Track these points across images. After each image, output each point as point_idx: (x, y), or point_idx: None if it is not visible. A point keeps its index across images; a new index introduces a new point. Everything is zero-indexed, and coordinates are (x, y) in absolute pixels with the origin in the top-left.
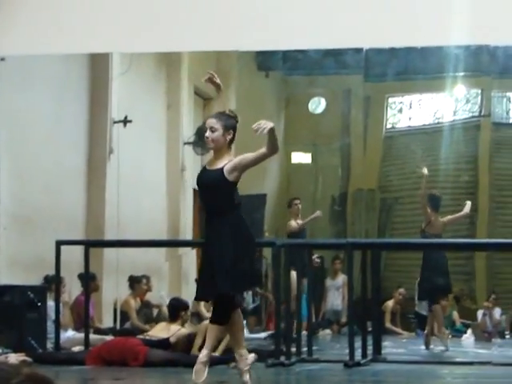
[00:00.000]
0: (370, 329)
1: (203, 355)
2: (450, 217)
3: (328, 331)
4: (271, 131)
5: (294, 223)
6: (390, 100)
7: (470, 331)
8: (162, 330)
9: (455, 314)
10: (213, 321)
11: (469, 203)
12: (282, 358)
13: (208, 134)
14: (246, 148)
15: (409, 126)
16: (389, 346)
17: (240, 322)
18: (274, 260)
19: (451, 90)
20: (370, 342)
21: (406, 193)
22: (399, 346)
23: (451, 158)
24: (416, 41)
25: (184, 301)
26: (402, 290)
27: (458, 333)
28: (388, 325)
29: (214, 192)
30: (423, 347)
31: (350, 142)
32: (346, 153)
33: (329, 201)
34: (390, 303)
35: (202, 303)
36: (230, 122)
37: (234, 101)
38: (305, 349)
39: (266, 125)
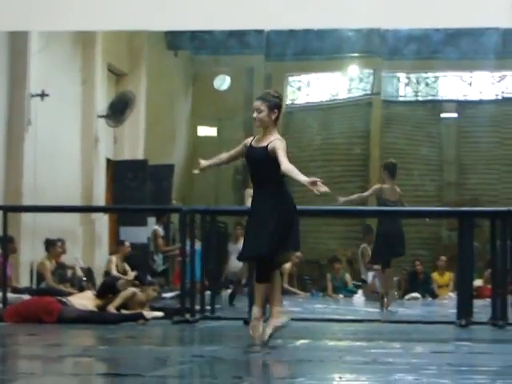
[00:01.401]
0: None
1: (256, 311)
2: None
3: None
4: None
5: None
6: (290, 78)
7: (360, 291)
8: (84, 299)
9: (347, 276)
10: (257, 280)
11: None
12: (187, 316)
13: (255, 115)
14: (156, 120)
15: (307, 103)
16: (287, 305)
17: (278, 281)
18: (180, 225)
19: (346, 69)
20: None
21: (303, 164)
22: (296, 305)
23: (345, 133)
24: (313, 23)
25: (117, 285)
26: (298, 254)
27: (350, 293)
28: (286, 285)
29: (260, 167)
30: (318, 305)
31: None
32: (248, 127)
33: (231, 171)
34: (287, 266)
35: (114, 262)
36: (274, 102)
37: (145, 78)
38: (208, 307)
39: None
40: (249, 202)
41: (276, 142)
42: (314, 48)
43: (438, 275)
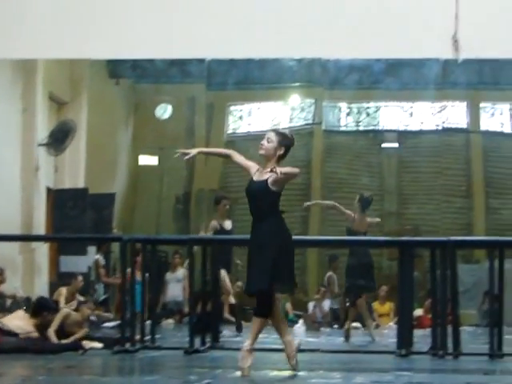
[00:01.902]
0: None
1: (248, 344)
2: (372, 220)
3: (171, 321)
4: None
5: (215, 223)
6: (232, 108)
7: (301, 321)
8: (18, 320)
9: (288, 306)
10: (257, 314)
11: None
12: (128, 346)
13: (263, 142)
14: (97, 149)
15: (248, 132)
16: (227, 335)
17: (279, 313)
18: (121, 254)
19: (287, 99)
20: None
21: (243, 194)
22: (237, 335)
23: (286, 162)
24: (254, 52)
25: (52, 304)
26: (239, 283)
27: (291, 323)
28: (226, 315)
29: (259, 200)
30: (259, 335)
31: (194, 145)
32: None
33: (173, 200)
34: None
35: (64, 295)
36: (286, 141)
37: (86, 107)
38: (149, 337)
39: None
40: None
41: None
42: (256, 77)
43: (379, 305)
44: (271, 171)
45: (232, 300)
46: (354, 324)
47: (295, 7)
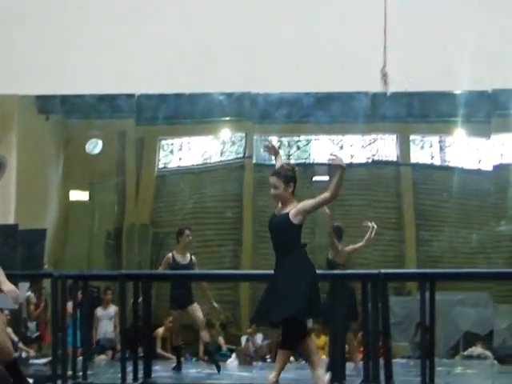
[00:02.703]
0: (141, 354)
1: (273, 376)
2: (352, 246)
3: (103, 357)
4: (343, 172)
5: (169, 256)
6: (162, 142)
7: (234, 355)
8: None
9: (221, 340)
10: (284, 346)
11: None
12: (59, 383)
13: (272, 191)
14: (27, 184)
15: (179, 166)
16: (160, 370)
17: (311, 345)
18: (52, 290)
19: (217, 133)
20: (142, 366)
21: (176, 228)
22: (169, 370)
23: (217, 196)
24: (184, 87)
25: None
26: (171, 319)
27: (224, 357)
28: (159, 350)
29: (282, 233)
30: (192, 370)
31: (125, 180)
32: (120, 191)
33: (104, 235)
34: (160, 330)
35: None
36: (289, 176)
37: (16, 142)
38: (80, 373)
39: (341, 162)
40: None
41: (297, 206)
42: (186, 112)
43: (315, 337)
44: None
45: (206, 337)
46: (292, 358)
47: (224, 42)
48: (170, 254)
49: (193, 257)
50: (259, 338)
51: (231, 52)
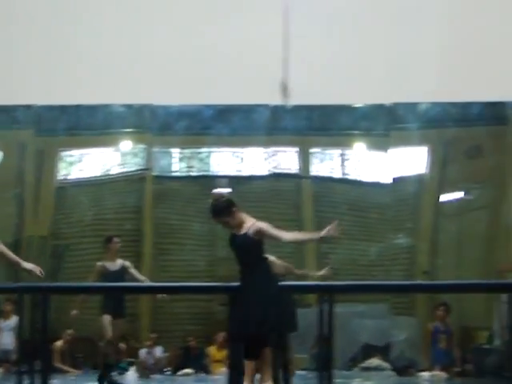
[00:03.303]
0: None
1: None
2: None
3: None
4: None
5: (99, 264)
6: (62, 154)
7: (133, 368)
8: None
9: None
10: (246, 357)
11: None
12: None
13: (225, 227)
14: None
15: (79, 178)
16: None
17: (266, 358)
18: None
19: (118, 145)
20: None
21: (75, 240)
22: (67, 383)
23: (117, 208)
24: (83, 99)
25: None
26: (70, 331)
27: (122, 370)
28: (57, 363)
29: (244, 251)
30: (89, 383)
31: (24, 192)
32: (19, 202)
33: None
34: (58, 343)
35: None
36: (226, 206)
37: None
38: None
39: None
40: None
41: (256, 225)
42: (86, 123)
43: (216, 350)
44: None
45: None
46: (186, 370)
47: (123, 54)
48: (100, 263)
49: (125, 262)
50: (158, 350)
51: (131, 63)
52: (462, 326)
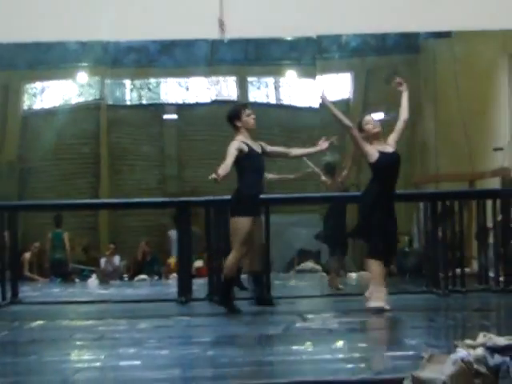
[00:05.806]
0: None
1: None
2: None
3: None
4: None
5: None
6: (26, 86)
7: (94, 275)
8: None
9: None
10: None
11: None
12: None
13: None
14: None
15: (42, 108)
16: (27, 291)
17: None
18: None
19: (75, 77)
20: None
21: (39, 163)
22: (35, 290)
23: (76, 135)
24: (42, 36)
25: None
26: (37, 244)
27: (85, 277)
28: (26, 273)
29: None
30: (56, 290)
31: None
32: None
33: None
34: (27, 255)
35: None
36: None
37: None
38: None
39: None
40: None
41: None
42: (47, 58)
43: (171, 258)
44: None
45: None
46: (142, 276)
47: None
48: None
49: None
50: (116, 259)
51: (82, 4)
52: None
